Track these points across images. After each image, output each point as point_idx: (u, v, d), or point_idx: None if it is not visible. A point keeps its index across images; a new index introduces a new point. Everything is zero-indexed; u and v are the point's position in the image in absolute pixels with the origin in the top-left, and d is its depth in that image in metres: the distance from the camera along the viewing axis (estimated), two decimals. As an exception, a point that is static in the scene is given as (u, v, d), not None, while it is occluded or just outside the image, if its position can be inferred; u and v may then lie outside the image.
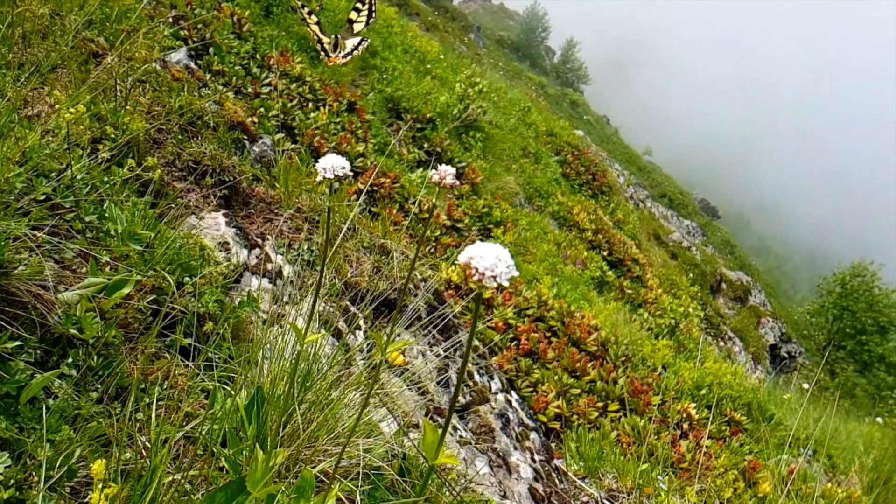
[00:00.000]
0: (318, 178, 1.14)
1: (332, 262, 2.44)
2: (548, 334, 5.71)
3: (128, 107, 2.35)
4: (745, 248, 34.68)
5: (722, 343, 12.39)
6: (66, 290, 1.45)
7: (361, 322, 2.42)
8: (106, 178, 1.96)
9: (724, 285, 16.71)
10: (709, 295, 14.99)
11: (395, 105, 9.61)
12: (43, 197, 1.65)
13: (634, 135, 51.61)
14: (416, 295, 2.63)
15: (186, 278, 1.75)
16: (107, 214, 1.73)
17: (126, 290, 1.48)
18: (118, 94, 2.40)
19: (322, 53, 4.76)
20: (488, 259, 0.75)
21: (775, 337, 16.79)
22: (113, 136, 2.20)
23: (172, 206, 2.07)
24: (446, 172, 1.09)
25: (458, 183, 1.15)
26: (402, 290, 2.55)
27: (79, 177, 1.75)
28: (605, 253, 9.64)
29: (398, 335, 2.55)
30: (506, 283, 0.75)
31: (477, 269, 0.75)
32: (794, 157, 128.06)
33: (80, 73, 2.50)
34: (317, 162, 1.19)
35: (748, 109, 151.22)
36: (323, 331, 2.24)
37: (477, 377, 2.70)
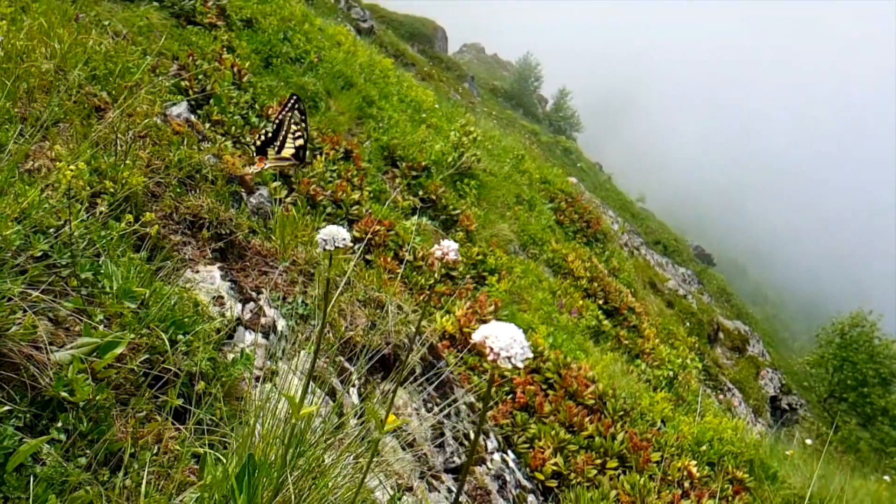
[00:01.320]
0: (318, 250, 1.14)
1: (329, 317, 2.42)
2: (544, 387, 5.64)
3: (128, 161, 2.37)
4: (741, 296, 34.70)
5: (722, 395, 12.24)
6: (59, 349, 1.43)
7: (356, 379, 2.39)
8: (103, 233, 1.96)
9: (721, 335, 16.62)
10: (706, 344, 14.91)
11: (390, 153, 9.75)
12: (40, 254, 1.65)
13: (627, 181, 52.34)
14: (411, 349, 2.60)
15: (180, 336, 1.73)
16: (102, 271, 1.72)
17: (119, 351, 1.46)
18: (118, 148, 2.42)
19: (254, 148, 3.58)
20: (503, 339, 0.75)
21: (775, 388, 16.60)
22: (112, 190, 2.22)
23: (168, 261, 2.06)
24: (449, 248, 1.10)
25: (459, 258, 1.16)
26: (408, 350, 2.52)
27: (76, 233, 1.75)
28: (601, 301, 9.62)
29: (393, 392, 2.51)
30: (520, 365, 0.75)
31: (492, 350, 0.75)
32: (787, 202, 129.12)
33: (81, 128, 2.54)
34: (313, 209, 1.20)
35: (738, 155, 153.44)
36: (318, 391, 2.20)
37: (472, 436, 2.65)
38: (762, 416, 14.75)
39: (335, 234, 1.17)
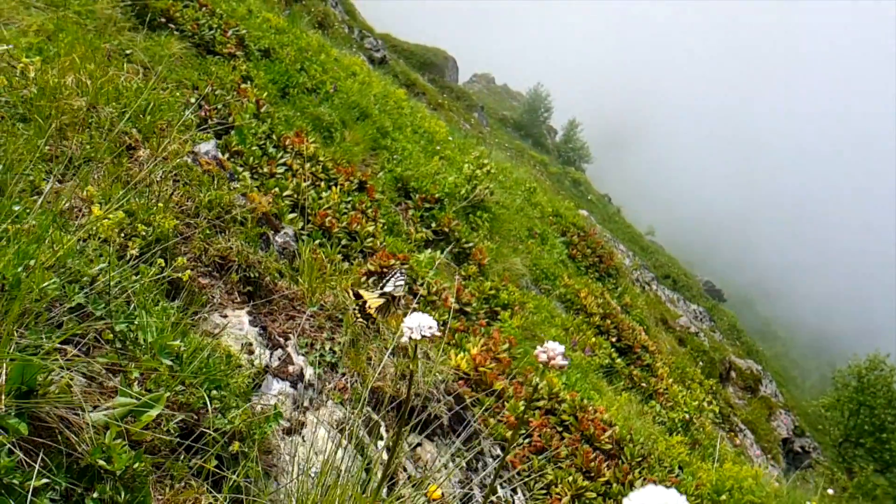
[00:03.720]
0: (404, 339, 1.08)
1: (356, 365, 2.36)
2: (559, 429, 5.52)
3: (160, 204, 2.34)
4: (750, 333, 34.30)
5: (738, 440, 11.97)
6: (94, 410, 1.37)
7: (384, 431, 2.31)
8: (134, 278, 1.92)
9: (733, 373, 16.36)
10: (718, 384, 14.69)
11: (404, 185, 9.76)
12: (74, 304, 1.60)
13: (633, 213, 52.23)
14: (438, 400, 2.53)
15: (214, 391, 1.67)
16: (137, 322, 1.67)
17: (155, 413, 1.40)
18: (150, 191, 2.40)
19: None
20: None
21: (788, 430, 16.26)
22: (144, 233, 2.18)
23: (202, 311, 2.01)
24: (555, 353, 1.03)
25: (566, 364, 1.09)
26: (436, 401, 2.45)
27: (112, 283, 1.71)
28: (614, 339, 9.48)
29: (419, 445, 2.44)
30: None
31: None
32: (794, 236, 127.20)
33: (113, 167, 2.52)
34: (328, 240, 1.14)
35: (745, 187, 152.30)
36: (345, 443, 2.13)
37: (500, 491, 2.56)
38: (775, 458, 14.42)
39: (422, 322, 1.11)
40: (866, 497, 15.60)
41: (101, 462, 1.23)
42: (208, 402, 1.55)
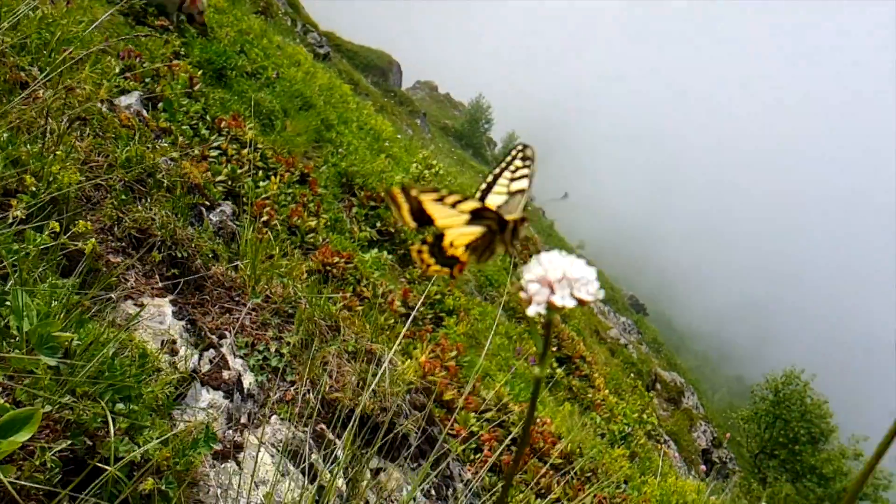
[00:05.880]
0: (532, 309, 0.61)
1: (310, 372, 1.90)
2: (508, 442, 5.19)
3: (59, 152, 1.81)
4: (669, 346, 35.44)
5: (668, 451, 12.09)
6: (-83, 434, 0.88)
7: (341, 453, 1.87)
8: (16, 247, 1.40)
9: (658, 385, 16.69)
10: (653, 397, 14.88)
11: (348, 180, 9.27)
12: None
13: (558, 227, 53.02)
14: (406, 416, 2.11)
15: (119, 405, 1.18)
16: (10, 303, 1.16)
17: (25, 437, 0.92)
18: (48, 134, 1.86)
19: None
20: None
21: (707, 441, 16.73)
22: (34, 188, 1.65)
23: (109, 294, 1.51)
24: None
25: None
26: (405, 417, 2.02)
27: (-27, 245, 1.19)
28: (554, 349, 9.31)
29: (382, 470, 2.01)
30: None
31: None
32: (695, 245, 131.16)
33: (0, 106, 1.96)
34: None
35: (661, 202, 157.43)
36: (293, 470, 1.68)
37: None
38: (695, 468, 14.74)
39: (571, 271, 0.62)
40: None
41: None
42: (110, 421, 1.07)
